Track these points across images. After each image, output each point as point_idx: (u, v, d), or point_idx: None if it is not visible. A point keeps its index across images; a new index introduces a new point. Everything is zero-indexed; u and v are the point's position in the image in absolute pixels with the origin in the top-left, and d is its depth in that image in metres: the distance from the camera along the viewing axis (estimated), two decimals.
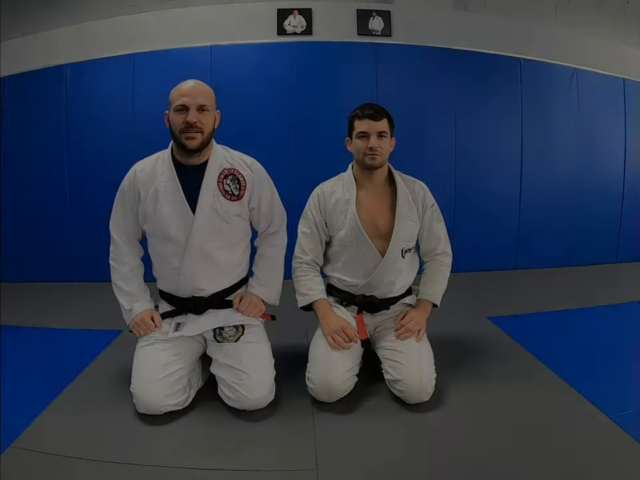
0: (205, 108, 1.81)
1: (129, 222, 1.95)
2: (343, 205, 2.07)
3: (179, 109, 1.79)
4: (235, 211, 1.91)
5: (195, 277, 1.92)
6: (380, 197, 2.09)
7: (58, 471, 1.48)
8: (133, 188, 1.91)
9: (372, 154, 1.98)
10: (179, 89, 1.82)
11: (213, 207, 1.87)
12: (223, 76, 3.86)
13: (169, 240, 1.89)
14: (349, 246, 2.05)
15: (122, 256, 1.97)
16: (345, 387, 1.88)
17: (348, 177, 2.12)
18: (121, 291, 1.97)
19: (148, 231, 1.94)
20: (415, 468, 1.51)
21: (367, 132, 1.98)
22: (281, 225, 2.09)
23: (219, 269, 1.95)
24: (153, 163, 1.93)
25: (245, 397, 1.79)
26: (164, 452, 1.60)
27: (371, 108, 2.01)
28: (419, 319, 2.04)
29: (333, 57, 4.03)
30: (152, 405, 1.75)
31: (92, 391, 2.02)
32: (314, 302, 2.06)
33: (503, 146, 4.29)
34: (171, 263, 1.92)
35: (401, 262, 2.06)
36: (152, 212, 1.88)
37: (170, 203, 1.86)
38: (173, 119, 1.81)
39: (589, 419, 1.75)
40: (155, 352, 1.85)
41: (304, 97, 3.99)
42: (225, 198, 1.89)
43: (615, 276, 4.14)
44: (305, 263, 2.13)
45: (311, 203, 2.14)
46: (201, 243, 1.88)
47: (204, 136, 1.82)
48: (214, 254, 1.91)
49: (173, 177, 1.87)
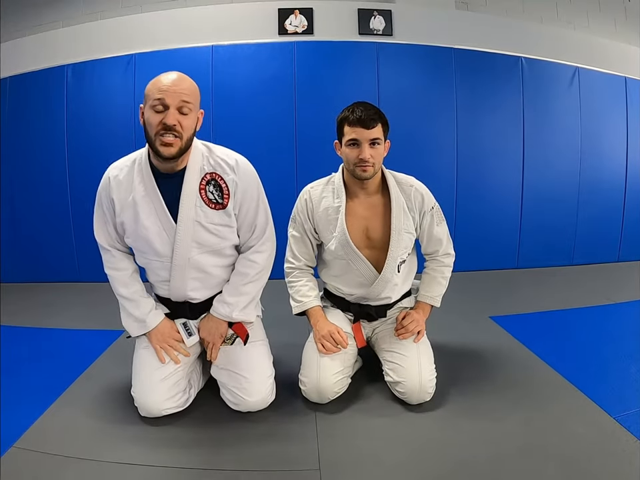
0: (187, 107, 1.57)
1: (111, 231, 1.79)
2: (333, 214, 1.95)
3: (156, 107, 1.54)
4: (221, 220, 1.73)
5: (185, 287, 1.81)
6: (373, 206, 1.97)
7: (59, 471, 1.48)
8: (108, 198, 1.73)
9: (363, 166, 1.82)
10: (157, 82, 1.56)
11: (196, 219, 1.70)
12: (224, 75, 3.88)
13: (154, 253, 1.75)
14: (341, 259, 1.99)
15: (117, 262, 1.83)
16: (336, 389, 1.88)
17: (338, 181, 1.98)
18: (123, 298, 1.82)
19: (130, 244, 1.80)
20: (416, 468, 1.51)
21: (357, 140, 1.82)
22: (262, 235, 1.84)
23: (209, 279, 1.84)
24: (129, 168, 1.72)
25: (245, 400, 1.78)
26: (165, 452, 1.60)
27: (363, 110, 1.80)
28: (419, 320, 2.01)
29: (334, 56, 4.03)
30: (152, 410, 1.75)
31: (93, 391, 2.02)
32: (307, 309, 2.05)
33: (505, 145, 4.28)
34: (160, 276, 1.81)
35: (396, 277, 2.00)
36: (131, 224, 1.71)
37: (150, 215, 1.69)
38: (149, 117, 1.56)
39: (592, 418, 1.75)
40: (152, 355, 1.82)
41: (305, 97, 3.98)
42: (208, 207, 1.70)
43: (617, 275, 4.13)
44: (298, 268, 2.08)
45: (299, 207, 2.02)
46: (187, 256, 1.73)
47: (182, 142, 1.59)
48: (202, 266, 1.78)
49: (152, 186, 1.67)
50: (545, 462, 1.50)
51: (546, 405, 1.87)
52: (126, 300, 1.83)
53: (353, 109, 1.83)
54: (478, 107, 4.20)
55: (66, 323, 2.98)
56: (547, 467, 1.48)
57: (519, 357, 2.34)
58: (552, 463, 1.49)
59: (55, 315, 3.17)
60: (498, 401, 1.90)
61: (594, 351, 2.41)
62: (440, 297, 2.11)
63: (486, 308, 3.15)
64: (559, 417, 1.77)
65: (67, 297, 3.66)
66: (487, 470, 1.48)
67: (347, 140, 1.85)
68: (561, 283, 3.90)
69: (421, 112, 4.10)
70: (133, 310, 1.81)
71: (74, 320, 3.03)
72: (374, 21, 4.07)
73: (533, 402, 1.89)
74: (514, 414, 1.80)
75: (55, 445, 1.61)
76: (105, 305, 3.31)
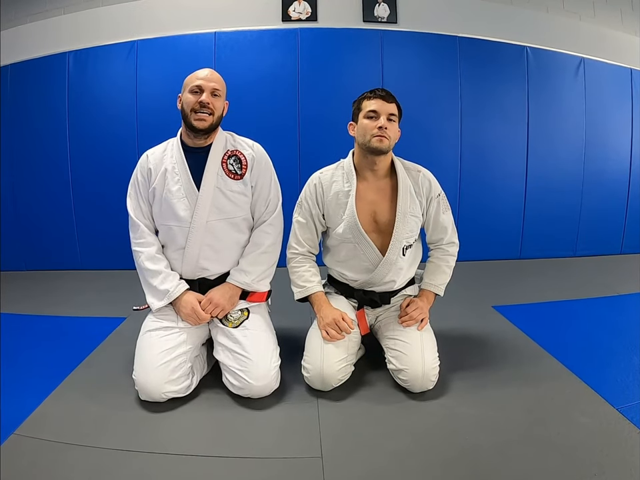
0: (218, 93, 1.92)
1: (143, 205, 1.99)
2: (343, 198, 1.99)
3: (194, 91, 1.89)
4: (238, 189, 1.97)
5: (199, 254, 1.95)
6: (381, 190, 2.01)
7: (60, 458, 1.48)
8: (145, 168, 1.98)
9: (380, 135, 1.88)
10: (195, 74, 1.93)
11: (217, 185, 1.94)
12: (227, 62, 3.85)
13: (175, 218, 1.93)
14: (348, 242, 2.00)
15: (147, 236, 1.98)
16: (339, 376, 1.88)
17: (348, 165, 2.03)
18: (149, 272, 1.94)
19: (156, 212, 1.98)
20: (419, 456, 1.50)
21: (377, 111, 1.90)
22: (274, 210, 2.04)
23: (222, 247, 1.98)
24: (164, 147, 2.02)
25: (250, 384, 1.78)
26: (167, 439, 1.60)
27: (383, 90, 1.95)
28: (424, 308, 2.02)
29: (338, 43, 3.99)
30: (153, 392, 1.76)
31: (95, 378, 2.02)
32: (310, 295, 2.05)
33: (509, 134, 4.25)
34: (177, 243, 1.96)
35: (401, 261, 2.01)
36: (160, 190, 1.94)
37: (177, 182, 1.93)
38: (187, 98, 1.91)
39: (594, 408, 1.74)
40: (157, 338, 1.86)
41: (309, 84, 3.95)
42: (228, 177, 1.96)
43: (620, 267, 4.11)
44: (301, 254, 2.10)
45: (307, 193, 2.07)
46: (205, 219, 1.93)
47: (214, 118, 1.91)
48: (217, 231, 1.95)
49: (180, 158, 1.95)
50: (548, 451, 1.50)
51: (548, 394, 1.87)
52: (153, 273, 1.94)
53: (372, 90, 1.97)
54: (482, 96, 4.17)
55: (67, 310, 2.98)
56: (549, 455, 1.47)
57: (522, 346, 2.34)
58: (554, 452, 1.49)
59: (56, 302, 3.17)
60: (501, 390, 1.90)
61: (597, 341, 2.41)
62: (444, 286, 2.11)
63: (489, 297, 3.15)
64: (562, 406, 1.77)
65: (68, 285, 3.66)
66: (490, 458, 1.48)
67: (366, 112, 1.93)
68: (564, 274, 3.89)
69: (425, 100, 4.07)
70: (158, 283, 1.93)
71: (75, 307, 3.04)
72: (378, 9, 4.03)
73: (536, 391, 1.89)
74: (516, 403, 1.80)
75: (55, 432, 1.61)
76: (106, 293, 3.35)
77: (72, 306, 3.07)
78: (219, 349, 1.92)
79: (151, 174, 1.97)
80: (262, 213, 2.03)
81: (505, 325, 2.64)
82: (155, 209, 1.98)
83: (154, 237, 2.01)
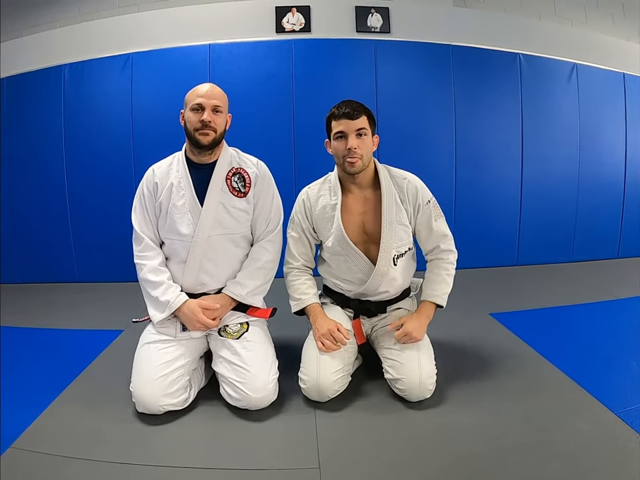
0: (219, 109, 1.93)
1: (148, 219, 2.01)
2: (330, 211, 2.01)
3: (195, 109, 1.90)
4: (241, 206, 1.99)
5: (200, 268, 1.97)
6: (368, 200, 2.01)
7: (58, 471, 1.47)
8: (152, 183, 2.00)
9: (351, 157, 1.88)
10: (195, 91, 1.94)
11: (220, 201, 1.96)
12: (222, 74, 3.85)
13: (178, 232, 1.96)
14: (339, 255, 2.01)
15: (150, 250, 2.00)
16: (336, 387, 1.88)
17: (334, 179, 2.04)
18: (152, 283, 1.95)
19: (161, 226, 2.01)
20: (418, 466, 1.50)
21: (344, 132, 1.89)
22: (274, 229, 2.07)
23: (222, 261, 2.00)
24: (169, 162, 2.05)
25: (248, 396, 1.78)
26: (164, 452, 1.59)
27: (348, 105, 1.90)
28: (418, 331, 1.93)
29: (332, 54, 4.01)
30: (150, 405, 1.75)
31: (92, 391, 2.01)
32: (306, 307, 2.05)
33: (503, 141, 4.27)
34: (179, 256, 1.98)
35: (393, 271, 1.99)
36: (166, 205, 1.97)
37: (182, 197, 1.96)
38: (189, 117, 1.92)
39: (593, 414, 1.74)
40: (155, 351, 1.85)
41: (303, 94, 3.96)
42: (232, 194, 1.98)
43: (617, 271, 4.12)
44: (296, 268, 2.12)
45: (297, 208, 2.10)
46: (207, 234, 1.95)
47: (216, 135, 1.93)
48: (218, 246, 1.97)
49: (185, 173, 1.97)
50: (547, 458, 1.49)
51: (547, 400, 1.86)
52: (155, 285, 1.94)
53: (338, 106, 1.94)
54: (476, 104, 4.19)
55: (64, 323, 2.97)
56: (548, 462, 1.47)
57: (520, 353, 2.34)
58: (553, 459, 1.48)
59: (53, 315, 3.16)
60: (499, 397, 1.90)
61: (595, 347, 2.40)
62: (446, 296, 2.03)
63: (486, 305, 3.14)
64: (560, 412, 1.77)
65: (65, 297, 3.65)
66: (489, 466, 1.47)
67: (334, 133, 1.93)
68: (561, 280, 3.89)
69: (419, 109, 4.08)
70: (159, 294, 1.92)
71: (72, 320, 3.03)
72: (371, 19, 4.06)
73: (534, 398, 1.88)
74: (515, 410, 1.80)
75: (53, 446, 1.60)
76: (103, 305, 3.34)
77: (69, 318, 3.06)
78: (218, 360, 1.91)
79: (157, 188, 1.99)
80: (262, 232, 2.06)
81: (503, 332, 2.64)
82: (161, 222, 2.00)
83: (158, 249, 2.02)
